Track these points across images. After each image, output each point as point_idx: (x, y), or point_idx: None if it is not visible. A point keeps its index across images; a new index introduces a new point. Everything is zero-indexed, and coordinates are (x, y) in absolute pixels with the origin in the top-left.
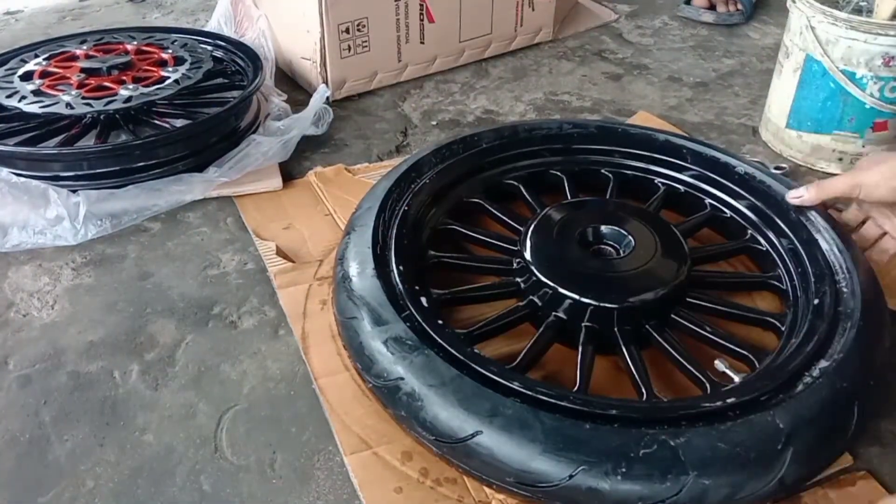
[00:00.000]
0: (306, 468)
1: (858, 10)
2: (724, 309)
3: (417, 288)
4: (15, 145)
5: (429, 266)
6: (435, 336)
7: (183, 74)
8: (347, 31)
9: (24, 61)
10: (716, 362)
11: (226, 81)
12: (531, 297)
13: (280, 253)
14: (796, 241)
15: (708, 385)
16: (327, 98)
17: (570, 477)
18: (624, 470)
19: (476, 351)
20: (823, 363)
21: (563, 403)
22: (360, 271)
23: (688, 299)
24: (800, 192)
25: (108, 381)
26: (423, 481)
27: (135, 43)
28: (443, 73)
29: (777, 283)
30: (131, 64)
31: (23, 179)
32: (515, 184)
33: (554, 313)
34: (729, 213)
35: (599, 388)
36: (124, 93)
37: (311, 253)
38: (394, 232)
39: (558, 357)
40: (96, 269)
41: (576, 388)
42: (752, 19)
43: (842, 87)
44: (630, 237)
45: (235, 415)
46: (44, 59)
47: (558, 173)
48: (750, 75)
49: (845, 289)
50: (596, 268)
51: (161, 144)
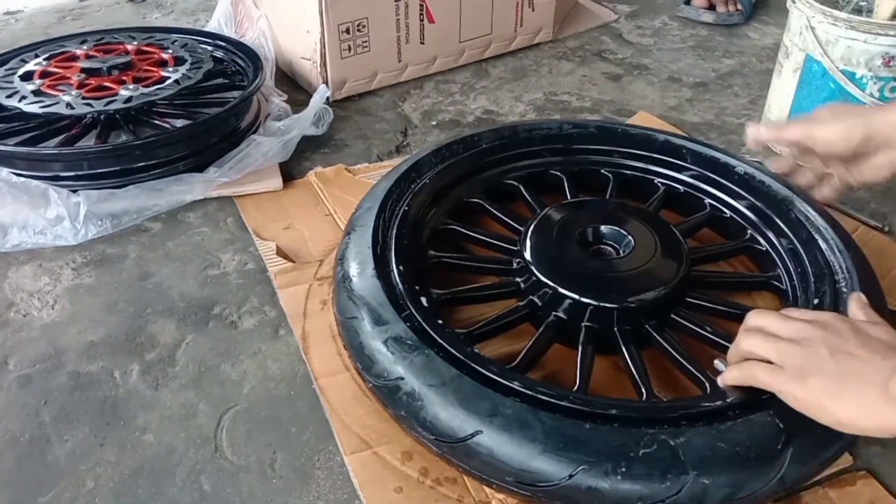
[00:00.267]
0: (306, 468)
1: (858, 10)
2: (723, 309)
3: (417, 288)
4: (15, 145)
5: (429, 266)
6: (435, 336)
7: (183, 74)
8: (347, 31)
9: (25, 61)
10: (715, 362)
11: (226, 82)
12: (531, 297)
13: (280, 253)
14: (796, 241)
15: (708, 385)
16: (327, 98)
17: (570, 476)
18: (624, 469)
19: (476, 351)
20: None
21: (563, 403)
22: (360, 271)
23: (688, 299)
24: (758, 130)
25: (108, 381)
26: (423, 481)
27: (135, 43)
28: (443, 74)
29: (777, 283)
30: (131, 64)
31: (23, 179)
32: (515, 184)
33: (554, 313)
34: (728, 213)
35: (599, 388)
36: (124, 93)
37: (312, 253)
38: (394, 232)
39: (558, 357)
40: (96, 269)
41: (576, 388)
42: (751, 19)
43: (842, 88)
44: (630, 237)
45: (235, 415)
46: (44, 59)
47: (558, 173)
48: (750, 75)
49: (845, 289)
50: (596, 268)
51: (161, 144)
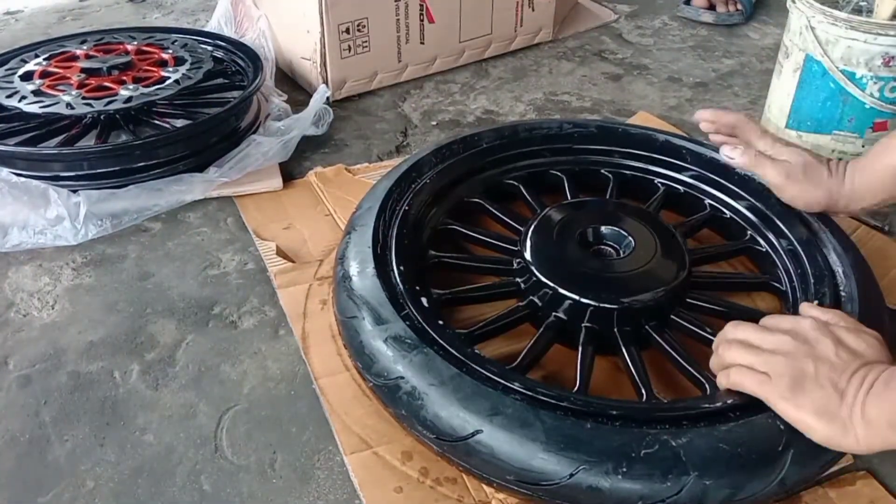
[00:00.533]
0: (306, 468)
1: (858, 10)
2: (723, 310)
3: (418, 288)
4: (15, 145)
5: (429, 266)
6: (435, 335)
7: (183, 75)
8: (347, 31)
9: (25, 61)
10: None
11: (226, 82)
12: (531, 297)
13: (280, 253)
14: (796, 242)
15: (708, 386)
16: (327, 98)
17: (571, 476)
18: (625, 469)
19: (476, 351)
20: None
21: (563, 403)
22: (360, 270)
23: (687, 300)
24: (734, 154)
25: (108, 381)
26: (423, 481)
27: (135, 43)
28: (443, 74)
29: (776, 284)
30: (131, 64)
31: (23, 179)
32: (515, 184)
33: (554, 314)
34: (729, 213)
35: (599, 389)
36: (125, 93)
37: (311, 253)
38: (394, 232)
39: (558, 357)
40: (96, 269)
41: (576, 388)
42: (751, 19)
43: (841, 88)
44: (630, 238)
45: (235, 415)
46: (44, 59)
47: (558, 173)
48: (750, 75)
49: (844, 290)
50: (596, 268)
51: (161, 144)
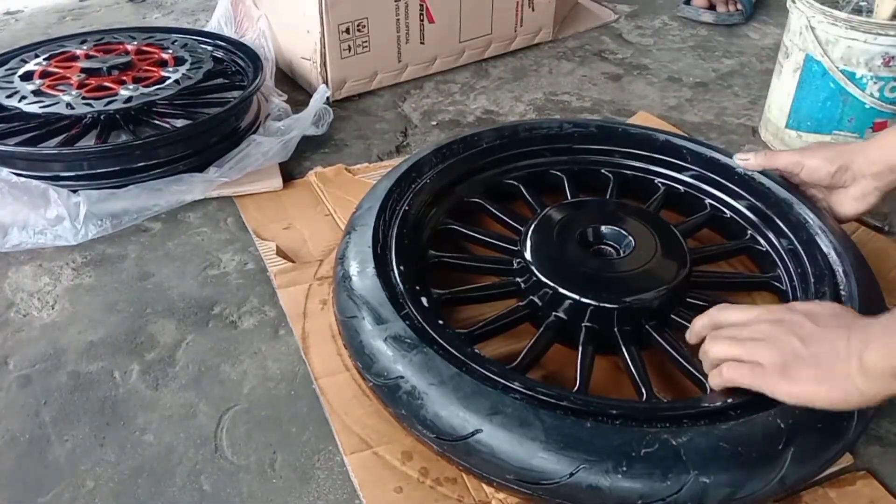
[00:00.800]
0: (306, 468)
1: (858, 10)
2: None
3: (418, 288)
4: (15, 145)
5: (429, 266)
6: (435, 335)
7: (183, 75)
8: (347, 31)
9: (25, 61)
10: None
11: (226, 82)
12: (531, 297)
13: (280, 253)
14: (796, 242)
15: (708, 386)
16: (327, 98)
17: (571, 475)
18: (625, 468)
19: (476, 350)
20: None
21: (563, 403)
22: (360, 270)
23: (688, 299)
24: (747, 157)
25: (108, 381)
26: (423, 481)
27: (135, 43)
28: (443, 74)
29: (777, 284)
30: (131, 64)
31: (23, 179)
32: (516, 184)
33: (554, 313)
34: (729, 213)
35: (599, 389)
36: (124, 93)
37: (311, 253)
38: (394, 231)
39: (559, 357)
40: (96, 269)
41: (576, 388)
42: (751, 19)
43: (841, 87)
44: (630, 237)
45: (235, 415)
46: (44, 59)
47: (558, 173)
48: (750, 75)
49: (844, 289)
50: (596, 268)
51: (161, 144)
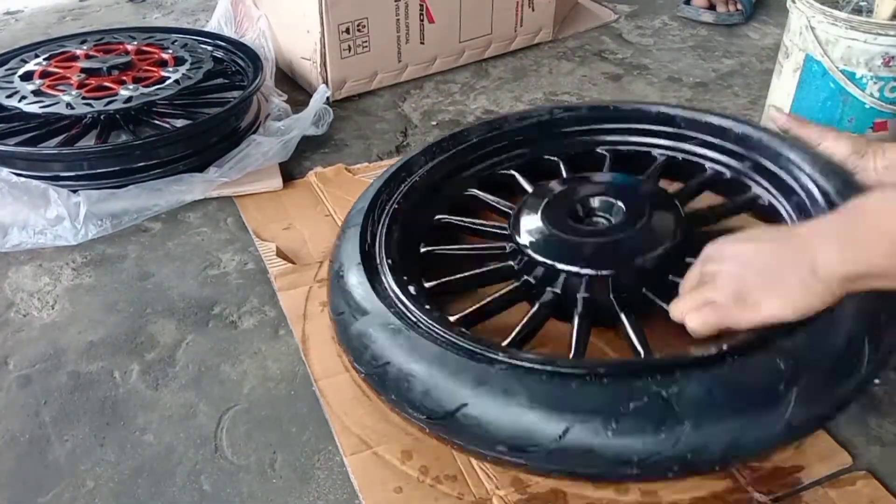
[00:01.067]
0: (306, 468)
1: (858, 10)
2: None
3: (405, 279)
4: (15, 145)
5: (422, 259)
6: (420, 319)
7: (183, 75)
8: (347, 31)
9: (25, 61)
10: None
11: (226, 82)
12: (525, 277)
13: (280, 254)
14: (804, 196)
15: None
16: (327, 98)
17: (560, 437)
18: (615, 426)
19: (462, 330)
20: None
21: (548, 367)
22: (348, 268)
23: (686, 260)
24: (781, 116)
25: (108, 381)
26: (422, 480)
27: (135, 43)
28: (443, 74)
29: None
30: (131, 64)
31: (23, 179)
32: (511, 173)
33: (549, 289)
34: (730, 173)
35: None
36: (125, 93)
37: (311, 254)
38: (383, 229)
39: (557, 336)
40: (96, 269)
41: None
42: (751, 19)
43: (841, 88)
44: (619, 203)
45: (235, 415)
46: (44, 59)
47: (554, 158)
48: (750, 75)
49: None
50: (587, 238)
51: (161, 144)
